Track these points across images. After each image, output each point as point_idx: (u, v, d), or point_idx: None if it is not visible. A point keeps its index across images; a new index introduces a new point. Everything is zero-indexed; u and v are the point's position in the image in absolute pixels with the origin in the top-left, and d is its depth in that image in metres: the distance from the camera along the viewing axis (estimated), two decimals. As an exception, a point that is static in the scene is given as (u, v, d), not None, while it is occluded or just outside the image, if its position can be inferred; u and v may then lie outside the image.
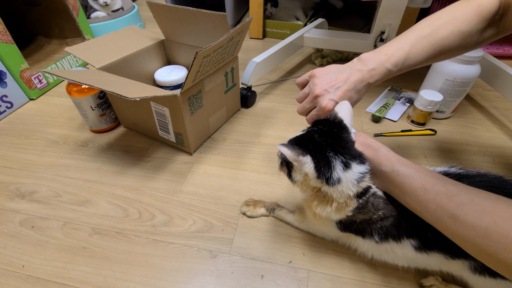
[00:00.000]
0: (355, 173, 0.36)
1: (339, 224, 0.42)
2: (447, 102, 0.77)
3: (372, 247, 0.42)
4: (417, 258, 0.39)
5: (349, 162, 0.36)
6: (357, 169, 0.36)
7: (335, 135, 0.38)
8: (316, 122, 0.41)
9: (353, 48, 0.96)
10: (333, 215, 0.40)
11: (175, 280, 0.47)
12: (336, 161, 0.36)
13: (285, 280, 0.47)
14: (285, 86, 0.96)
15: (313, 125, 0.41)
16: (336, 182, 0.36)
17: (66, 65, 0.99)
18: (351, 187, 0.36)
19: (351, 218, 0.40)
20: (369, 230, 0.40)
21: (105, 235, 0.53)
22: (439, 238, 0.35)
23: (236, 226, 0.55)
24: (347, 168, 0.36)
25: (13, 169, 0.67)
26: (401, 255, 0.40)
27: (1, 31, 0.77)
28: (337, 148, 0.36)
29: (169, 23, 0.75)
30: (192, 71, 0.54)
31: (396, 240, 0.39)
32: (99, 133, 0.77)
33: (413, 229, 0.38)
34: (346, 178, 0.36)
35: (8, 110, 0.84)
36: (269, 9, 1.30)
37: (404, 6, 0.79)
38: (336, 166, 0.36)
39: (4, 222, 0.56)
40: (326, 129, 0.38)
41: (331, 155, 0.36)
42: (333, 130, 0.38)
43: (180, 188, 0.62)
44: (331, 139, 0.37)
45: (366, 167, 0.37)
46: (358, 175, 0.36)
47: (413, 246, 0.38)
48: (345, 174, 0.36)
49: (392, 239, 0.39)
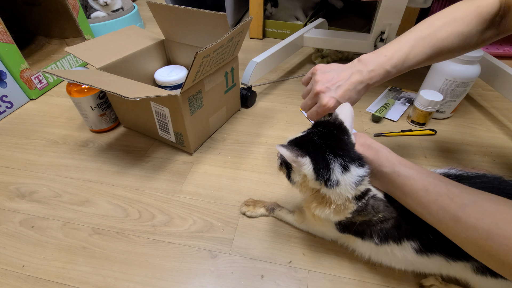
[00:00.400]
0: (354, 176, 0.36)
1: (339, 225, 0.42)
2: (447, 102, 0.77)
3: (371, 248, 0.42)
4: (416, 261, 0.39)
5: (348, 165, 0.36)
6: (356, 172, 0.36)
7: (335, 137, 0.38)
8: (316, 124, 0.41)
9: (353, 48, 0.96)
10: (332, 216, 0.40)
11: (175, 280, 0.47)
12: (335, 163, 0.36)
13: (285, 280, 0.47)
14: (285, 86, 0.96)
15: (313, 127, 0.41)
16: (334, 185, 0.36)
17: (66, 65, 0.99)
18: (349, 190, 0.36)
19: (351, 219, 0.40)
20: (369, 232, 0.40)
21: (105, 235, 0.53)
22: (440, 241, 0.35)
23: (236, 226, 0.55)
24: (346, 171, 0.36)
25: (13, 169, 0.67)
26: (401, 258, 0.39)
27: (1, 31, 0.77)
28: (337, 150, 0.36)
29: (169, 23, 0.75)
30: (192, 71, 0.54)
31: (396, 242, 0.39)
32: (99, 133, 0.77)
33: (413, 231, 0.37)
34: (345, 181, 0.36)
35: (8, 110, 0.84)
36: (269, 9, 1.30)
37: (404, 6, 0.79)
38: (335, 168, 0.36)
39: (4, 222, 0.56)
40: (326, 131, 0.38)
41: (330, 157, 0.36)
42: (333, 132, 0.38)
43: (180, 188, 0.62)
44: (330, 141, 0.37)
45: (365, 170, 0.37)
46: (357, 178, 0.36)
47: (414, 248, 0.38)
48: (344, 177, 0.36)
49: (392, 241, 0.39)
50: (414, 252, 0.38)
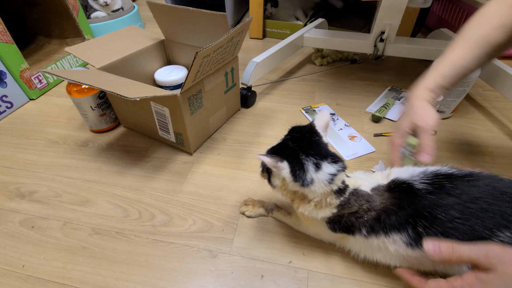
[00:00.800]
0: (325, 174, 0.38)
1: (329, 224, 0.43)
2: (447, 102, 0.77)
3: (364, 245, 0.43)
4: (410, 256, 0.39)
5: (319, 163, 0.38)
6: (328, 169, 0.38)
7: (307, 139, 0.41)
8: (290, 130, 0.43)
9: (353, 48, 0.96)
10: (316, 213, 0.41)
11: (175, 280, 0.47)
12: (308, 162, 0.38)
13: (285, 280, 0.47)
14: (285, 86, 0.96)
15: (288, 134, 0.43)
16: (309, 183, 0.38)
17: (66, 65, 0.99)
18: (323, 186, 0.38)
19: (338, 214, 0.41)
20: (358, 225, 0.41)
21: (105, 235, 0.53)
22: (429, 233, 0.35)
23: (236, 226, 0.55)
24: (318, 169, 0.38)
25: (13, 169, 0.67)
26: (393, 252, 0.40)
27: (1, 31, 0.77)
28: (308, 150, 0.39)
29: (169, 23, 0.75)
30: (192, 71, 0.54)
31: (385, 233, 0.39)
32: (99, 133, 0.77)
33: (401, 223, 0.38)
34: (318, 178, 0.38)
35: (8, 110, 0.84)
36: (269, 9, 1.30)
37: (404, 6, 0.79)
38: (309, 167, 0.38)
39: (4, 222, 0.56)
40: (298, 135, 0.41)
41: (303, 157, 0.39)
42: (305, 135, 0.41)
43: (180, 188, 0.62)
44: (303, 143, 0.40)
45: (337, 168, 0.39)
46: (328, 176, 0.38)
47: (404, 241, 0.38)
48: (317, 175, 0.38)
49: (381, 232, 0.39)
50: (405, 245, 0.38)
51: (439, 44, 0.90)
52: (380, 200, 0.40)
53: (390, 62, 1.08)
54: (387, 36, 0.87)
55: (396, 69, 1.04)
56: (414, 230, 0.37)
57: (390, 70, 1.03)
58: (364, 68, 1.06)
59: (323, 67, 1.07)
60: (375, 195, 0.41)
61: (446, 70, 0.43)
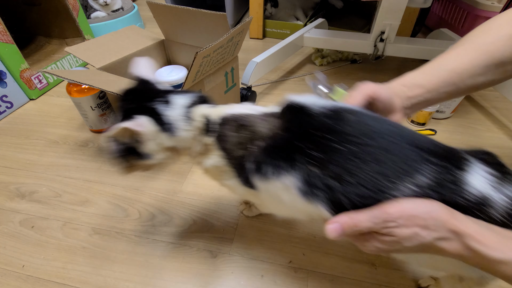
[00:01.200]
0: (179, 107, 0.36)
1: (236, 173, 0.37)
2: (447, 102, 0.77)
3: (267, 198, 0.36)
4: (311, 210, 0.31)
5: (167, 100, 0.36)
6: (179, 101, 0.36)
7: (143, 91, 0.38)
8: (122, 97, 0.39)
9: (353, 48, 0.96)
10: (207, 162, 0.38)
11: (175, 280, 0.47)
12: (158, 105, 0.36)
13: (285, 280, 0.47)
14: (285, 86, 0.96)
15: (121, 100, 0.39)
16: (173, 126, 0.36)
17: (66, 65, 0.99)
18: (186, 126, 0.36)
19: (233, 156, 0.35)
20: (252, 166, 0.33)
21: (105, 235, 0.53)
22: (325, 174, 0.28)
23: (236, 226, 0.55)
24: (170, 104, 0.36)
25: (13, 169, 0.67)
26: (289, 203, 0.32)
27: (1, 31, 0.77)
28: (150, 98, 0.36)
29: (169, 23, 0.75)
30: (192, 71, 0.54)
31: (275, 171, 0.31)
32: (99, 133, 0.77)
33: (290, 152, 0.30)
34: (175, 116, 0.36)
35: (8, 110, 0.84)
36: (269, 9, 1.30)
37: (404, 6, 0.79)
38: (161, 108, 0.36)
39: (4, 222, 0.56)
40: (131, 96, 0.38)
41: (151, 104, 0.36)
42: (139, 91, 0.39)
43: (180, 188, 0.62)
44: (142, 96, 0.37)
45: (190, 98, 0.37)
46: (183, 110, 0.36)
47: (299, 188, 0.30)
48: (172, 111, 0.36)
49: (271, 169, 0.31)
50: (299, 194, 0.30)
51: (439, 44, 0.90)
52: (267, 126, 0.34)
53: (390, 62, 1.08)
54: (387, 36, 0.87)
55: (396, 69, 1.04)
56: (307, 171, 0.29)
57: (390, 70, 1.03)
58: (364, 68, 1.06)
59: (323, 67, 1.07)
60: (257, 120, 0.34)
61: (429, 69, 0.39)
